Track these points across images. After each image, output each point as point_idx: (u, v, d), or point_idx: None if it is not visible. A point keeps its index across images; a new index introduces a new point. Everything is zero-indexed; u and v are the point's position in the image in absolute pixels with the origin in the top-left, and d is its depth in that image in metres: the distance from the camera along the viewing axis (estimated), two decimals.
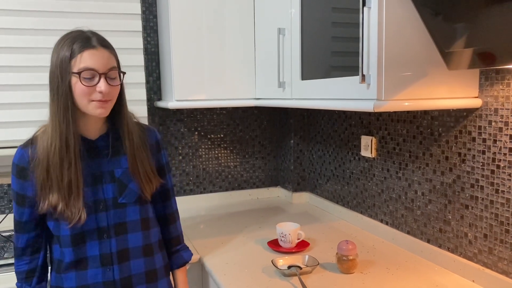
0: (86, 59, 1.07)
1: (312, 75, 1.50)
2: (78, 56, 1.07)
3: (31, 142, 1.15)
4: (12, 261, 1.52)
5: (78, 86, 1.08)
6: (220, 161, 2.29)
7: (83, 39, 1.08)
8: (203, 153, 2.26)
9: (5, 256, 1.57)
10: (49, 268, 1.23)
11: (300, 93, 1.54)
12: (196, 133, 2.23)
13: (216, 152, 2.28)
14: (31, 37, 1.83)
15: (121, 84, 1.16)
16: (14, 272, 1.45)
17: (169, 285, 1.30)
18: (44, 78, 1.82)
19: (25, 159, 1.13)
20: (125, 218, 1.18)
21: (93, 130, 1.18)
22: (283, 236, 1.56)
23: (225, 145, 2.29)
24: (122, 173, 1.18)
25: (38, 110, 1.89)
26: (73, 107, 1.10)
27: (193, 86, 1.82)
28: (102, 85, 1.08)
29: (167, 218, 1.34)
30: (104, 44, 1.11)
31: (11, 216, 1.89)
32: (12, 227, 1.85)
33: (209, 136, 2.26)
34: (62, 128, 1.09)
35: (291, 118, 2.24)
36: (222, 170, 2.30)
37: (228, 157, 2.31)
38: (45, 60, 1.85)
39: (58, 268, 1.18)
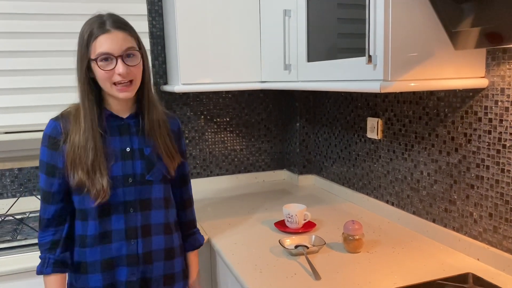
0: (101, 44, 1.11)
1: (318, 57, 1.50)
2: (94, 43, 1.11)
3: (61, 116, 1.19)
4: (25, 242, 1.56)
5: (98, 71, 1.13)
6: (226, 145, 2.31)
7: (98, 25, 1.12)
8: (210, 136, 2.27)
9: (18, 238, 1.60)
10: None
11: (306, 75, 1.54)
12: (202, 117, 2.24)
13: (222, 135, 2.30)
14: (45, 22, 1.88)
15: (144, 65, 1.20)
16: (27, 254, 1.50)
17: (183, 264, 1.34)
18: (58, 62, 1.91)
19: (58, 131, 1.17)
20: (150, 195, 1.23)
21: (123, 109, 1.23)
22: (289, 217, 1.59)
23: (231, 128, 2.30)
24: (151, 152, 1.23)
25: (50, 95, 1.94)
26: (97, 91, 1.18)
27: (198, 70, 1.83)
28: (120, 67, 1.12)
29: (185, 202, 1.39)
30: (119, 26, 1.13)
31: (22, 200, 1.93)
32: (24, 210, 1.90)
33: (215, 120, 2.27)
34: (86, 111, 1.16)
35: (297, 101, 2.25)
36: (229, 154, 2.32)
37: (234, 141, 2.32)
38: (59, 44, 1.91)
39: (82, 243, 1.21)
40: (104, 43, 1.11)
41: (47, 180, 1.18)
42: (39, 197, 1.92)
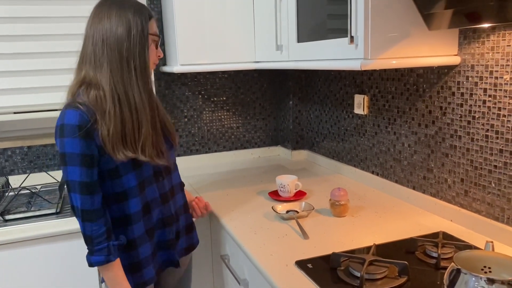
0: (154, 26, 1.25)
1: (308, 37, 1.61)
2: (150, 23, 1.23)
3: (78, 103, 1.15)
4: (39, 213, 1.69)
5: (152, 50, 1.25)
6: (223, 123, 2.43)
7: (144, 8, 1.22)
8: (207, 115, 2.40)
9: (32, 209, 1.74)
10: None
11: (296, 55, 1.66)
12: (200, 96, 2.36)
13: (219, 114, 2.42)
14: (53, 6, 1.99)
15: None
16: (41, 223, 1.63)
17: (191, 217, 1.50)
18: (65, 45, 2.03)
19: (85, 119, 1.13)
20: (169, 160, 1.34)
21: None
22: (282, 187, 1.72)
23: (227, 107, 2.43)
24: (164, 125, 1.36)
25: (56, 77, 2.06)
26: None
27: (196, 51, 1.94)
28: (160, 50, 1.28)
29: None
30: None
31: (33, 176, 2.06)
32: (35, 184, 2.03)
33: (212, 99, 2.39)
34: (146, 91, 1.22)
35: (290, 80, 2.37)
36: (226, 131, 2.45)
37: (231, 119, 2.45)
38: (65, 28, 2.03)
39: (125, 223, 1.24)
40: (155, 26, 1.26)
41: (86, 172, 1.15)
42: (49, 172, 2.06)
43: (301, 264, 1.19)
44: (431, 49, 1.36)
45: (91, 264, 1.18)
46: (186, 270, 1.50)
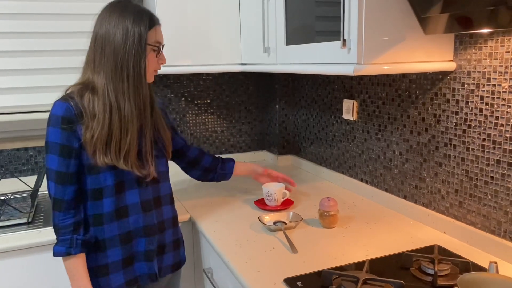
0: (158, 33, 1.25)
1: (296, 40, 1.54)
2: (153, 30, 1.22)
3: (70, 97, 1.19)
4: (8, 223, 1.58)
5: (151, 58, 1.23)
6: (207, 126, 2.35)
7: (149, 15, 1.22)
8: (190, 118, 2.31)
9: (1, 218, 1.62)
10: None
11: (284, 58, 1.59)
12: (183, 98, 2.27)
13: (203, 117, 2.33)
14: (47, 3, 1.89)
15: None
16: (11, 234, 1.52)
17: (180, 232, 1.45)
18: (64, 44, 1.93)
19: (71, 111, 1.17)
20: (158, 168, 1.32)
21: None
22: (269, 195, 1.65)
23: (212, 110, 2.34)
24: (154, 130, 1.33)
25: (57, 76, 1.97)
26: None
27: (178, 51, 1.85)
28: (164, 57, 1.28)
29: (198, 157, 1.58)
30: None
31: (3, 182, 1.94)
32: (5, 192, 1.91)
33: (196, 102, 2.30)
34: (137, 102, 1.21)
35: (277, 84, 2.29)
36: (210, 135, 2.36)
37: (215, 122, 2.36)
38: (54, 26, 1.93)
39: (97, 222, 1.24)
40: (159, 33, 1.25)
41: (63, 161, 1.18)
42: (21, 178, 1.94)
43: (290, 282, 1.12)
44: (426, 54, 1.30)
45: (53, 254, 1.20)
46: None
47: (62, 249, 1.19)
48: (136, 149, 1.23)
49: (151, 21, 1.22)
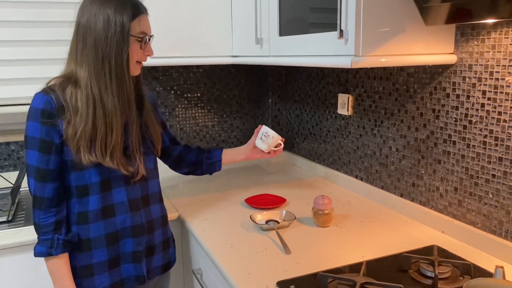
0: (144, 24, 1.16)
1: (290, 31, 1.48)
2: (137, 20, 1.13)
3: (51, 90, 1.12)
4: None
5: (136, 49, 1.15)
6: (197, 121, 2.27)
7: (133, 4, 1.13)
8: (180, 112, 2.23)
9: None
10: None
11: (278, 50, 1.52)
12: (172, 92, 2.20)
13: (193, 111, 2.26)
14: None
15: None
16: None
17: (170, 231, 1.38)
18: (47, 34, 1.83)
19: (52, 105, 1.10)
20: (146, 165, 1.25)
21: None
22: (266, 136, 1.50)
23: (202, 104, 2.27)
24: (143, 126, 1.27)
25: (40, 67, 1.88)
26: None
27: (168, 43, 1.77)
28: (150, 48, 1.20)
29: (183, 154, 1.49)
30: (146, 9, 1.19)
31: None
32: None
33: (185, 95, 2.23)
34: (121, 96, 1.14)
35: (269, 77, 2.23)
36: (200, 130, 2.29)
37: (206, 117, 2.29)
38: (40, 15, 1.84)
39: (82, 220, 1.18)
40: (144, 23, 1.16)
41: (42, 157, 1.12)
42: (1, 174, 1.86)
43: (284, 286, 1.06)
44: (426, 47, 1.24)
45: (34, 254, 1.15)
46: None
47: (43, 249, 1.14)
48: (121, 146, 1.16)
49: (136, 10, 1.13)
